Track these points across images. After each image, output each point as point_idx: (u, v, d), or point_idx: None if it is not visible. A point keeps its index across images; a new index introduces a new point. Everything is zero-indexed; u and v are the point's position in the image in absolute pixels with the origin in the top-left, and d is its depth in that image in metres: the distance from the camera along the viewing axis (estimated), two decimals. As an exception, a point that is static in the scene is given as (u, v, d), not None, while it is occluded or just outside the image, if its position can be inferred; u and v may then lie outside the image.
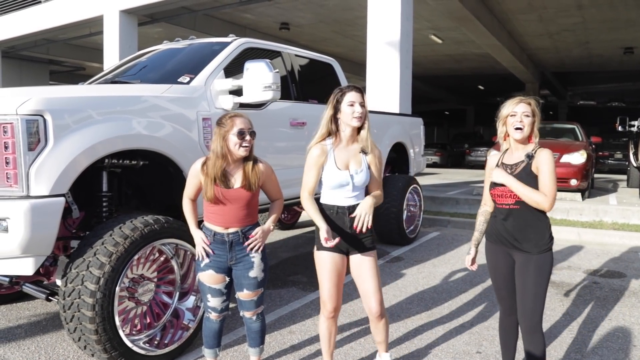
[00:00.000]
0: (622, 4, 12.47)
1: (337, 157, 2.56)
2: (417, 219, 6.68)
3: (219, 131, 2.48)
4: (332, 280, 2.60)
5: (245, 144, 2.48)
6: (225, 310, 2.72)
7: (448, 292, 4.50)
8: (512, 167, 2.49)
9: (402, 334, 3.55)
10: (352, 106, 2.50)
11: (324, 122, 2.58)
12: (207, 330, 2.73)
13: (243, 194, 2.53)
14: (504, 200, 2.50)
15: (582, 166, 8.71)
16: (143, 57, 4.51)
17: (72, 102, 2.84)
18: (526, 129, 2.44)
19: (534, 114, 2.46)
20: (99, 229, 2.93)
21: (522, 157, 2.48)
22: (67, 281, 2.78)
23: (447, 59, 20.42)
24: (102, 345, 2.73)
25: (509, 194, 2.46)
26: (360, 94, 2.53)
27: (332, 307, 2.63)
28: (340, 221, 2.57)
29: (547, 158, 2.40)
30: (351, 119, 2.51)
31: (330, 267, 2.60)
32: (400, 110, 8.16)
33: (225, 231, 2.57)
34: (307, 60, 4.95)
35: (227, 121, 2.49)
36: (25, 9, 14.67)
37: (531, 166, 2.42)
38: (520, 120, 2.43)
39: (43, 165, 2.63)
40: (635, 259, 5.82)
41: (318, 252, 2.63)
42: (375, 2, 8.44)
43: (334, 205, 2.58)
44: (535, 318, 2.46)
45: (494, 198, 2.56)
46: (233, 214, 2.55)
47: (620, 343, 3.43)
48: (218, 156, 2.49)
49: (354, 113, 2.49)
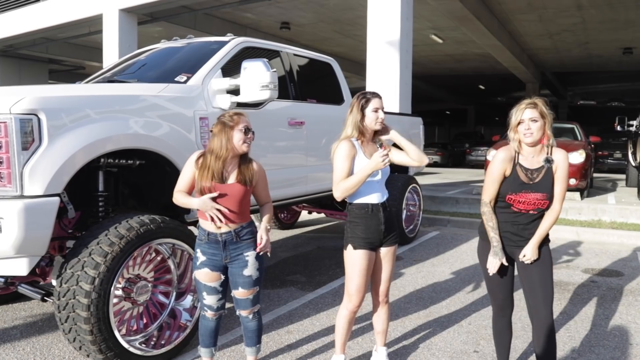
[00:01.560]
0: (621, 5, 12.48)
1: (366, 151, 2.73)
2: (416, 218, 6.67)
3: (223, 127, 2.52)
4: (365, 277, 2.71)
5: (248, 140, 2.57)
6: (222, 309, 2.71)
7: (446, 292, 4.48)
8: (533, 173, 2.49)
9: (400, 333, 3.53)
10: (376, 112, 2.71)
11: (353, 125, 2.72)
12: (203, 328, 2.73)
13: (238, 188, 2.55)
14: (524, 206, 2.50)
15: (581, 165, 8.70)
16: (140, 56, 4.49)
17: (66, 101, 2.82)
18: (536, 134, 2.43)
19: (543, 116, 2.44)
20: (94, 228, 2.91)
21: (540, 162, 2.48)
22: (62, 281, 2.76)
23: (447, 59, 20.41)
24: (97, 346, 2.71)
25: (533, 202, 2.47)
26: (381, 100, 2.78)
27: (359, 301, 2.74)
28: (375, 218, 2.69)
29: (565, 164, 2.46)
30: (375, 124, 2.72)
31: (367, 265, 2.70)
32: (400, 109, 8.14)
33: (218, 231, 2.57)
34: (305, 59, 4.93)
35: (233, 117, 2.56)
36: (24, 7, 14.62)
37: (552, 170, 2.48)
38: (528, 127, 2.42)
39: (37, 165, 2.61)
40: (633, 258, 5.82)
41: (354, 250, 2.69)
42: (375, 2, 8.42)
43: (367, 204, 2.69)
44: (548, 307, 2.47)
45: (510, 202, 2.52)
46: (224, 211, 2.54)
47: (617, 341, 3.44)
48: (221, 149, 2.51)
49: (378, 118, 2.71)
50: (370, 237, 2.69)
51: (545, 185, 2.47)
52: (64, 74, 22.38)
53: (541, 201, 2.48)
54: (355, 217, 2.71)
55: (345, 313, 2.78)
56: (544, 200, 2.48)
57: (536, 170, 2.49)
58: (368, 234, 2.68)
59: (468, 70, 22.83)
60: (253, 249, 2.63)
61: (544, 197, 2.47)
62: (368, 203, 2.70)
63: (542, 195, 2.47)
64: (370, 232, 2.69)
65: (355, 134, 2.71)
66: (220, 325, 2.79)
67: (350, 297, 2.73)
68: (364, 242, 2.68)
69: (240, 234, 2.60)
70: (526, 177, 2.48)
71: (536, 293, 2.50)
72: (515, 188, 2.49)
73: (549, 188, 2.47)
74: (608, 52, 17.88)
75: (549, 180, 2.48)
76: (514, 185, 2.49)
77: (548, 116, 2.46)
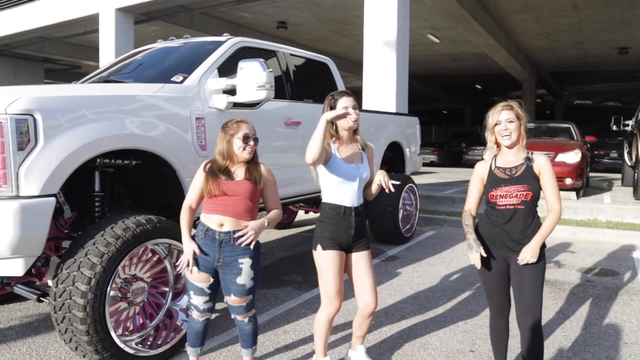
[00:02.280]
0: (616, 5, 12.53)
1: (342, 153, 2.67)
2: (413, 218, 6.68)
3: (224, 135, 2.59)
4: (340, 277, 2.65)
5: (249, 148, 2.58)
6: (208, 312, 2.70)
7: (443, 291, 4.49)
8: (512, 170, 2.51)
9: (396, 333, 3.54)
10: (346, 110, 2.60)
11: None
12: (189, 328, 2.75)
13: (245, 184, 2.57)
14: (508, 200, 2.49)
15: (576, 165, 8.74)
16: (137, 56, 4.48)
17: (62, 101, 2.81)
18: (514, 134, 2.49)
19: (519, 117, 2.51)
20: (90, 229, 2.91)
21: (520, 159, 2.52)
22: (58, 282, 2.76)
23: (444, 59, 20.44)
24: (93, 346, 2.71)
25: (515, 193, 2.47)
26: (351, 98, 2.67)
27: (339, 304, 2.66)
28: (346, 221, 2.65)
29: (549, 165, 2.50)
30: (348, 123, 2.64)
31: (338, 264, 2.64)
32: (396, 109, 8.15)
33: (218, 228, 2.56)
34: (302, 59, 4.93)
35: (233, 125, 2.60)
36: (20, 6, 14.57)
37: (533, 168, 2.50)
38: (505, 127, 2.49)
39: (33, 165, 2.61)
40: (629, 258, 5.84)
41: (324, 251, 2.64)
42: (372, 2, 8.43)
43: (340, 205, 2.65)
44: (536, 315, 2.48)
45: (494, 200, 2.53)
46: (230, 205, 2.56)
47: (612, 341, 3.45)
48: (224, 157, 2.58)
49: (351, 117, 2.62)
50: (338, 238, 2.64)
51: (525, 178, 2.48)
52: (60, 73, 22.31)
53: (523, 192, 2.46)
54: (326, 217, 2.67)
55: (325, 318, 2.68)
56: (525, 191, 2.46)
57: (515, 167, 2.52)
58: (337, 235, 2.64)
59: (465, 70, 22.88)
60: (249, 257, 2.58)
61: (525, 188, 2.46)
62: (341, 205, 2.65)
63: (523, 186, 2.47)
64: (339, 234, 2.64)
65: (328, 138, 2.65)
66: (216, 326, 2.79)
67: (330, 301, 2.65)
68: (332, 242, 2.63)
69: (238, 238, 2.55)
70: (504, 174, 2.52)
71: (525, 298, 2.49)
72: (494, 184, 2.52)
73: (530, 181, 2.47)
74: (604, 51, 17.95)
75: (530, 175, 2.48)
76: (492, 183, 2.53)
77: (523, 118, 2.53)
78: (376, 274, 4.95)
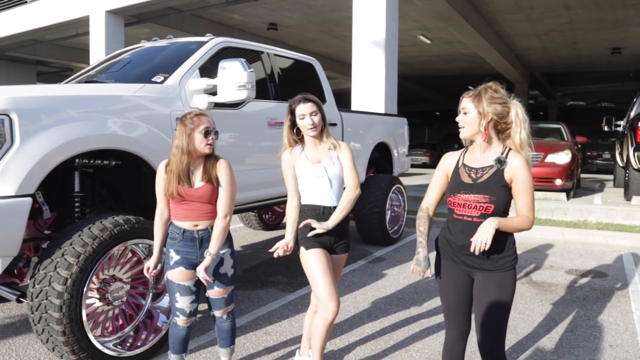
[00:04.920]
0: (608, 5, 12.57)
1: (308, 155, 2.66)
2: (401, 219, 6.68)
3: (184, 129, 2.49)
4: (328, 276, 2.53)
5: (210, 142, 2.51)
6: (193, 315, 2.66)
7: (428, 292, 4.49)
8: (477, 172, 2.12)
9: (379, 334, 3.53)
10: (303, 119, 2.59)
11: (285, 134, 2.68)
12: (173, 336, 2.69)
13: (207, 189, 2.53)
14: (466, 211, 2.11)
15: (566, 166, 8.76)
16: (120, 56, 4.47)
17: (39, 101, 2.80)
18: (467, 128, 2.13)
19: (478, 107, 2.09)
20: (68, 229, 2.89)
21: (490, 160, 2.11)
22: (35, 282, 2.74)
23: (436, 60, 20.48)
24: (70, 347, 2.69)
25: (474, 204, 2.08)
26: (310, 104, 2.59)
27: (336, 306, 2.50)
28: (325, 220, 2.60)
29: (525, 170, 2.04)
30: (306, 131, 2.61)
31: (324, 262, 2.56)
32: (385, 110, 8.16)
33: (194, 228, 2.56)
34: (287, 59, 4.93)
35: (194, 119, 2.51)
36: (11, 9, 14.55)
37: (503, 173, 2.06)
38: (461, 119, 2.16)
39: (9, 165, 2.59)
40: (618, 259, 5.85)
41: (307, 251, 2.58)
42: (360, 2, 8.45)
43: (319, 206, 2.61)
44: (496, 347, 2.11)
45: (452, 207, 2.16)
46: (198, 210, 2.55)
47: (597, 343, 3.43)
48: (183, 152, 2.49)
49: (307, 125, 2.59)
50: (320, 239, 2.58)
51: (489, 187, 2.07)
52: (52, 75, 22.27)
53: (483, 204, 2.06)
54: (306, 218, 2.60)
55: (322, 323, 2.52)
56: (486, 203, 2.06)
57: (482, 170, 2.11)
58: (318, 235, 2.57)
59: (457, 71, 22.93)
60: (227, 246, 2.63)
61: (487, 200, 2.06)
62: (320, 205, 2.61)
63: (484, 197, 2.06)
64: (321, 235, 2.57)
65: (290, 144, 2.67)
66: (197, 327, 2.77)
67: (325, 305, 2.49)
68: (315, 242, 2.58)
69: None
70: (468, 177, 2.13)
71: (486, 327, 2.12)
72: (453, 189, 2.15)
73: (495, 191, 2.06)
74: (597, 52, 18.02)
75: (496, 182, 2.07)
76: (453, 186, 2.17)
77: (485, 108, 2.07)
78: (361, 275, 4.98)
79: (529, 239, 6.75)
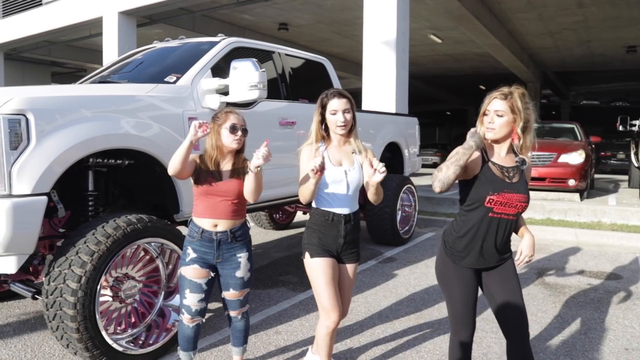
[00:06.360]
0: (623, 2, 12.37)
1: (330, 155, 2.51)
2: (412, 219, 6.66)
3: (214, 125, 2.60)
4: (333, 286, 2.46)
5: (237, 137, 2.58)
6: (199, 315, 2.66)
7: (439, 293, 4.47)
8: (509, 172, 2.16)
9: (389, 335, 3.53)
10: (335, 115, 2.46)
11: (314, 128, 2.53)
12: (181, 333, 2.72)
13: (233, 184, 2.58)
14: (506, 209, 2.14)
15: (580, 166, 8.68)
16: (133, 57, 4.52)
17: (55, 101, 2.84)
18: (498, 131, 2.13)
19: (514, 111, 2.09)
20: (82, 228, 2.93)
21: (512, 161, 2.19)
22: (49, 279, 2.78)
23: (447, 59, 20.39)
24: (83, 344, 2.73)
25: (515, 203, 2.13)
26: (344, 100, 2.46)
27: (337, 315, 2.46)
28: (334, 229, 2.49)
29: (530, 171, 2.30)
30: (335, 128, 2.48)
31: (331, 272, 2.47)
32: (396, 110, 8.14)
33: (213, 229, 2.58)
34: (298, 59, 4.94)
35: (222, 115, 2.61)
36: (27, 11, 14.76)
37: (523, 173, 2.19)
38: (491, 121, 2.13)
39: (25, 164, 2.63)
40: (633, 261, 5.77)
41: (312, 259, 2.49)
42: (371, 2, 8.43)
43: (329, 212, 2.48)
44: (526, 319, 2.23)
45: (491, 205, 2.12)
46: (221, 207, 2.58)
47: (612, 346, 3.38)
48: (213, 147, 2.60)
49: (337, 122, 2.45)
50: (327, 246, 2.49)
51: (523, 187, 2.17)
52: (66, 76, 22.55)
53: (523, 204, 2.15)
54: (314, 222, 2.52)
55: (325, 332, 2.51)
56: (524, 202, 2.15)
57: (511, 169, 2.17)
58: (325, 243, 2.48)
59: (468, 70, 22.81)
60: (246, 250, 2.67)
61: (524, 199, 2.15)
62: (330, 211, 2.48)
63: (523, 196, 2.15)
64: (328, 242, 2.48)
65: (318, 140, 2.51)
66: (208, 325, 2.79)
67: (327, 314, 2.46)
68: (321, 249, 2.48)
69: (236, 235, 2.62)
70: (502, 175, 2.15)
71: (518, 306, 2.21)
72: (496, 187, 2.12)
73: (526, 190, 2.17)
74: (611, 50, 17.79)
75: (523, 182, 2.18)
76: (495, 184, 2.12)
77: (522, 112, 2.10)
78: (372, 275, 4.98)
79: (541, 240, 6.69)
